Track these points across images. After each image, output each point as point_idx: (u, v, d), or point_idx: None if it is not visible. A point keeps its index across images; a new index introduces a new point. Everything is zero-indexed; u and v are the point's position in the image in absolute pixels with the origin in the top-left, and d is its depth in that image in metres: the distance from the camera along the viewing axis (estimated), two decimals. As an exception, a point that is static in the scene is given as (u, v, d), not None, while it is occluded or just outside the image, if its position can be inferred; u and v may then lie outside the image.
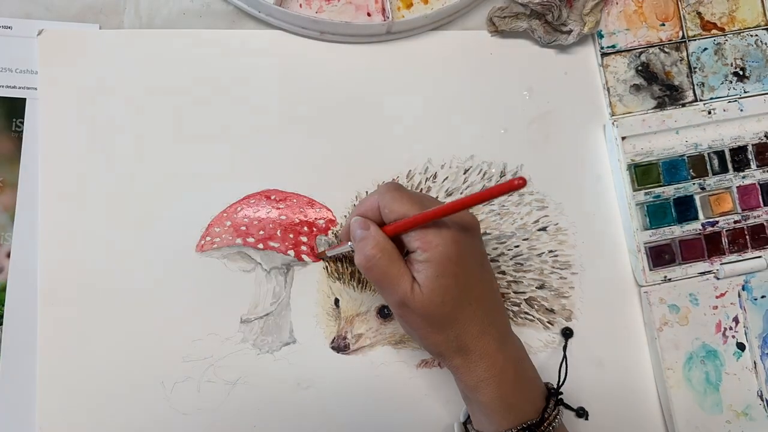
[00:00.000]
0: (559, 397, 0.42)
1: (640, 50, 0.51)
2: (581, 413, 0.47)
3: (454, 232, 0.38)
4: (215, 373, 0.45)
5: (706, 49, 0.51)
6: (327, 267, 0.47)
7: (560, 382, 0.45)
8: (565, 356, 0.47)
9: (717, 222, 0.50)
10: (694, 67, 0.51)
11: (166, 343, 0.44)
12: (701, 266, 0.49)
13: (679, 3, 0.51)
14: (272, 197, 0.47)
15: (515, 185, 0.34)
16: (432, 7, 0.48)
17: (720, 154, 0.50)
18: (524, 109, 0.50)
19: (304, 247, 0.46)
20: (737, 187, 0.50)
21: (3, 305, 0.44)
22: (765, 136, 0.51)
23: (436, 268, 0.38)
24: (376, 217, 0.40)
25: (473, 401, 0.40)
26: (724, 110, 0.50)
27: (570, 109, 0.50)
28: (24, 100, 0.45)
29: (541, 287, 0.48)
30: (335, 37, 0.48)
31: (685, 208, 0.49)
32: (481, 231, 0.48)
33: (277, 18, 0.47)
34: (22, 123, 0.45)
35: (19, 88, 0.45)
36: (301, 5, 0.47)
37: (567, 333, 0.48)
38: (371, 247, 0.38)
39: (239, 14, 0.48)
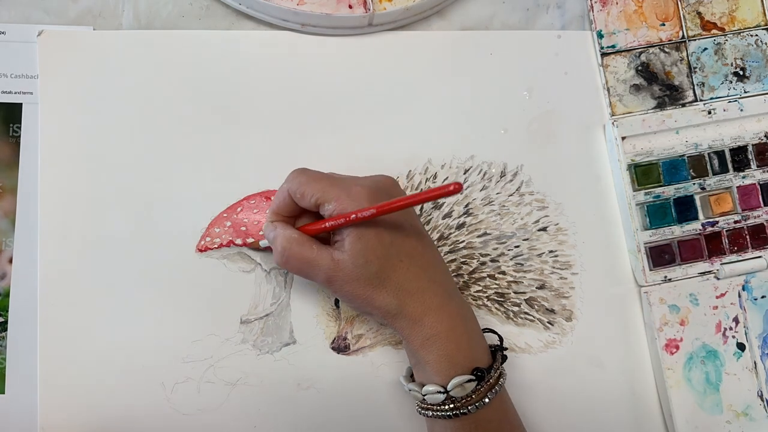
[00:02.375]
0: (504, 353, 0.42)
1: (640, 50, 0.51)
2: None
3: (369, 192, 0.39)
4: (215, 374, 0.45)
5: (706, 49, 0.51)
6: (327, 267, 0.47)
7: (501, 342, 0.43)
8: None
9: (717, 222, 0.50)
10: (694, 67, 0.51)
11: (166, 343, 0.44)
12: (701, 266, 0.49)
13: (679, 3, 0.51)
14: (272, 197, 0.47)
15: (450, 191, 0.35)
16: (413, -1, 0.48)
17: (720, 154, 0.50)
18: (524, 109, 0.50)
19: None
20: (737, 187, 0.50)
21: (7, 311, 0.44)
22: (765, 136, 0.51)
23: (356, 231, 0.39)
24: (290, 209, 0.41)
25: (421, 361, 0.40)
26: (724, 110, 0.50)
27: (570, 109, 0.50)
28: (20, 105, 0.46)
29: (541, 287, 0.48)
30: (316, 29, 0.48)
31: (685, 208, 0.49)
32: (482, 231, 0.48)
33: (258, 10, 0.47)
34: (19, 128, 0.45)
35: (15, 93, 0.46)
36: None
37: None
38: (280, 243, 0.40)
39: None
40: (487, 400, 0.38)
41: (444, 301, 0.40)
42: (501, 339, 0.43)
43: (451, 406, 0.38)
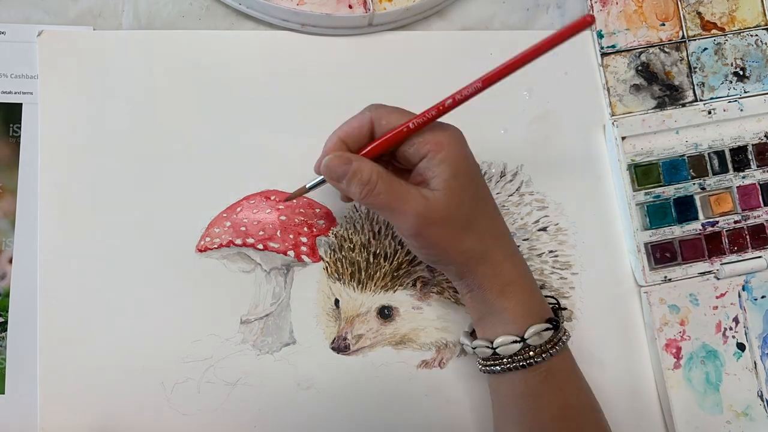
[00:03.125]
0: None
1: (640, 50, 0.51)
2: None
3: (457, 130, 0.38)
4: (215, 374, 0.45)
5: (706, 49, 0.51)
6: (327, 267, 0.47)
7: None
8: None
9: (717, 222, 0.50)
10: (694, 67, 0.51)
11: (166, 343, 0.44)
12: (701, 266, 0.49)
13: (679, 3, 0.51)
14: (272, 197, 0.47)
15: (586, 22, 0.33)
16: (413, -1, 0.48)
17: (720, 154, 0.50)
18: (524, 109, 0.50)
19: (304, 248, 0.46)
20: (737, 187, 0.50)
21: (7, 311, 0.44)
22: (765, 136, 0.51)
23: (452, 168, 0.37)
24: (357, 139, 0.38)
25: (497, 310, 0.38)
26: (724, 110, 0.50)
27: (570, 109, 0.50)
28: (20, 105, 0.46)
29: (541, 287, 0.48)
30: (316, 29, 0.48)
31: (685, 208, 0.49)
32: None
33: (258, 10, 0.47)
34: (19, 128, 0.45)
35: (15, 93, 0.46)
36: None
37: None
38: (366, 174, 0.37)
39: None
40: (561, 344, 0.38)
41: (515, 248, 0.40)
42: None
43: (531, 354, 0.37)
